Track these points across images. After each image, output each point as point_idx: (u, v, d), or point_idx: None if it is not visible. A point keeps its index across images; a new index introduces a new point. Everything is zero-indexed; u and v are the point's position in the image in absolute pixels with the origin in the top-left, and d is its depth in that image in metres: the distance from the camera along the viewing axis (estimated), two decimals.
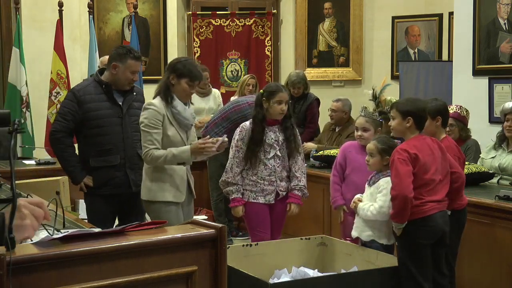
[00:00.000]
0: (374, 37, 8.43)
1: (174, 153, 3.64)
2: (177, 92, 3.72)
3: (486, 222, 3.93)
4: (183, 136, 3.75)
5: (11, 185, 1.76)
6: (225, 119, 5.57)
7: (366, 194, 3.85)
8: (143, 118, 3.71)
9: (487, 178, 4.53)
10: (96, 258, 1.71)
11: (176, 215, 3.73)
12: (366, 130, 4.16)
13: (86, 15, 7.67)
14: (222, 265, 1.92)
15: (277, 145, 4.14)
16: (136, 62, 4.02)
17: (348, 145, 4.35)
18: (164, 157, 3.64)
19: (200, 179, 6.27)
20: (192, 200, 3.98)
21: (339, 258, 3.92)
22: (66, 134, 4.12)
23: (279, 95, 4.08)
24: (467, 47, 5.97)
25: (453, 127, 4.82)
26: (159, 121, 3.67)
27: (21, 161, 6.08)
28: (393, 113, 3.60)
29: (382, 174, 3.80)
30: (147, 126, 3.68)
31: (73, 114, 4.05)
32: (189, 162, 3.76)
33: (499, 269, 3.89)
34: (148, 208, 3.88)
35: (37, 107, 7.17)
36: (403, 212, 3.39)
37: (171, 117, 3.70)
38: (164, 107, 3.69)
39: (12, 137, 1.87)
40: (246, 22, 8.27)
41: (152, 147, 3.66)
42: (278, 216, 4.26)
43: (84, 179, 4.17)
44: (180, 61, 3.82)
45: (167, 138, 3.69)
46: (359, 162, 4.14)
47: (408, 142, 3.53)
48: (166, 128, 3.69)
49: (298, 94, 6.36)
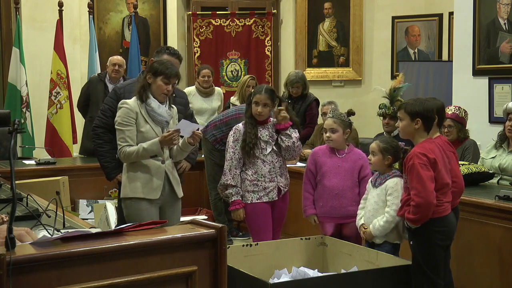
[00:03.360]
0: (374, 37, 8.43)
1: (144, 147, 3.69)
2: (153, 90, 3.77)
3: (486, 222, 3.93)
4: (158, 132, 3.76)
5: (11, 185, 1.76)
6: (226, 123, 5.57)
7: (372, 196, 3.84)
8: (116, 117, 3.79)
9: (487, 178, 4.53)
10: (96, 258, 1.72)
11: (147, 212, 3.72)
12: (334, 131, 4.12)
13: (86, 15, 7.67)
14: (222, 265, 1.92)
15: (273, 140, 4.15)
16: (171, 57, 4.16)
17: (316, 150, 4.33)
18: (136, 153, 3.70)
19: (200, 179, 6.27)
20: (177, 201, 3.95)
21: (339, 258, 3.92)
22: (106, 130, 4.25)
23: (256, 96, 4.12)
24: (467, 47, 5.97)
25: (452, 128, 4.82)
26: (132, 119, 3.72)
27: (21, 161, 6.09)
28: (401, 114, 3.52)
29: (388, 175, 3.79)
30: (120, 124, 3.75)
31: (113, 111, 4.14)
32: (160, 154, 3.76)
33: (499, 269, 3.89)
34: (123, 205, 3.88)
35: (37, 107, 7.17)
36: (425, 218, 3.37)
37: (145, 114, 3.75)
38: (138, 105, 3.75)
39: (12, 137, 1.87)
40: (246, 22, 8.27)
41: (125, 144, 3.72)
42: (279, 215, 4.26)
43: (118, 176, 4.29)
44: (157, 61, 3.89)
45: (141, 134, 3.74)
46: (328, 166, 4.14)
47: (424, 145, 3.45)
48: (140, 125, 3.74)
49: (297, 94, 6.36)
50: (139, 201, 3.76)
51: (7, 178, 4.18)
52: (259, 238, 4.15)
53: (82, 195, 5.82)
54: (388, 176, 3.78)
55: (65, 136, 6.89)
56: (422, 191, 3.32)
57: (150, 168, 3.77)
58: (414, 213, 3.37)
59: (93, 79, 6.55)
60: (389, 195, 3.72)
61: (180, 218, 4.03)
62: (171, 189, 3.88)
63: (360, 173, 4.13)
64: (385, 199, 3.75)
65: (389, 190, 3.73)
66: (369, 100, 7.99)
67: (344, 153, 4.16)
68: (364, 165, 4.14)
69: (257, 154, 4.13)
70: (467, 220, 3.93)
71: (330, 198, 4.11)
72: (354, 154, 4.19)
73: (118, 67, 6.33)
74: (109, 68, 6.39)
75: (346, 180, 4.11)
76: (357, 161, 4.16)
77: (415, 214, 3.36)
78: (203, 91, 6.66)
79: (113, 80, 6.33)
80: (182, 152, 3.87)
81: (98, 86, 6.37)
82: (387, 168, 3.82)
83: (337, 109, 5.68)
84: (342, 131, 4.12)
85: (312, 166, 4.21)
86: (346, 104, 6.99)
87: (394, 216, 3.67)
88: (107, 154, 4.32)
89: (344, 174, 4.11)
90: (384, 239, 3.75)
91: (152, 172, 3.77)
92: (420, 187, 3.33)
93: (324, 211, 4.14)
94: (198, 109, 6.43)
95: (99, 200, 5.75)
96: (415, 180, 3.35)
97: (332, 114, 4.21)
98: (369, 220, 3.80)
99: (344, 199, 4.09)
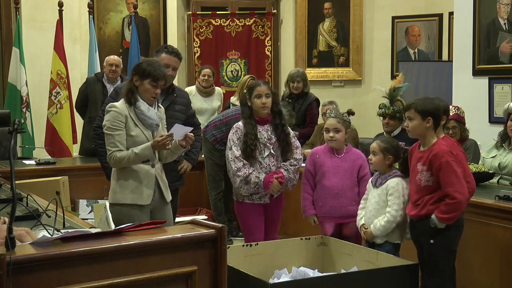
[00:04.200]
0: (374, 37, 8.42)
1: (136, 152, 3.58)
2: (141, 93, 3.66)
3: (486, 222, 3.93)
4: (148, 136, 3.66)
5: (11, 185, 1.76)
6: (226, 123, 5.58)
7: (372, 195, 3.84)
8: (105, 121, 3.67)
9: (487, 178, 4.53)
10: (96, 258, 1.72)
11: (138, 218, 3.56)
12: (338, 131, 4.12)
13: (86, 15, 7.67)
14: (222, 265, 1.92)
15: (270, 144, 4.16)
16: (169, 56, 4.13)
17: (315, 151, 4.33)
18: (127, 158, 3.58)
19: (200, 179, 6.27)
20: (166, 204, 3.84)
21: (339, 258, 3.92)
22: None
23: (256, 89, 4.11)
24: (467, 47, 5.97)
25: (456, 129, 4.82)
26: (122, 123, 3.61)
27: (21, 161, 6.08)
28: (411, 114, 3.49)
29: (388, 175, 3.79)
30: (109, 128, 3.62)
31: None
32: (153, 159, 3.67)
33: (499, 269, 3.88)
34: (112, 209, 3.79)
35: (37, 107, 7.17)
36: (458, 216, 3.40)
37: (135, 117, 3.64)
38: (126, 108, 3.63)
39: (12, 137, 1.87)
40: (246, 22, 8.27)
41: (115, 149, 3.60)
42: (272, 218, 4.27)
43: None
44: (143, 62, 3.78)
45: (131, 138, 3.63)
46: (328, 166, 4.14)
47: (447, 143, 3.48)
48: (130, 129, 3.63)
49: (297, 90, 6.35)
50: (130, 208, 3.65)
51: (7, 178, 4.18)
52: (251, 238, 4.15)
53: (82, 195, 5.82)
54: (388, 176, 3.78)
55: (65, 136, 6.89)
56: (462, 188, 3.34)
57: (141, 173, 3.66)
58: (451, 211, 3.36)
59: (90, 79, 6.54)
60: (390, 195, 3.72)
61: (172, 220, 3.98)
62: (160, 194, 3.76)
63: (359, 173, 4.13)
64: (386, 199, 3.75)
65: (390, 190, 3.72)
66: (369, 100, 7.99)
67: (343, 153, 4.17)
68: (363, 165, 4.14)
69: (256, 155, 4.13)
70: (467, 220, 3.91)
71: (329, 198, 4.11)
72: (353, 154, 4.19)
73: (114, 67, 6.33)
74: (106, 68, 6.40)
75: (346, 179, 4.11)
76: (356, 161, 4.16)
77: (453, 211, 3.36)
78: (203, 91, 6.66)
79: (110, 80, 6.33)
80: (173, 154, 3.77)
81: (96, 86, 6.37)
82: (388, 168, 3.82)
83: (338, 109, 5.69)
84: (344, 130, 4.13)
85: (311, 167, 4.21)
86: (346, 104, 7.00)
87: (395, 216, 3.67)
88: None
89: (344, 173, 4.11)
90: (385, 239, 3.75)
91: (142, 177, 3.66)
92: (459, 184, 3.34)
93: (324, 211, 4.14)
94: (198, 109, 6.43)
95: (99, 200, 5.74)
96: (453, 177, 3.35)
97: (334, 114, 4.21)
98: (370, 220, 3.80)
99: (344, 199, 4.09)
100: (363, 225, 3.84)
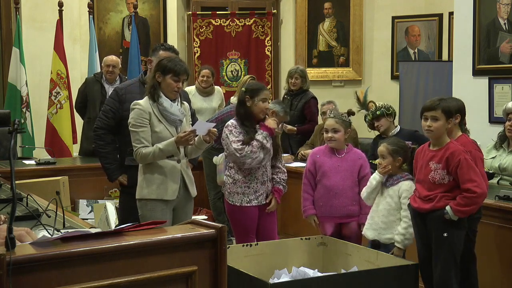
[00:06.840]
0: (374, 37, 8.42)
1: (160, 148, 3.65)
2: (163, 89, 3.73)
3: (486, 222, 3.93)
4: (172, 132, 3.74)
5: (11, 185, 1.76)
6: (222, 121, 5.58)
7: (383, 196, 3.82)
8: (130, 118, 3.75)
9: (488, 178, 4.52)
10: (96, 258, 1.71)
11: (161, 213, 3.69)
12: (336, 131, 4.13)
13: (86, 15, 7.67)
14: (222, 265, 1.92)
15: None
16: (167, 52, 4.13)
17: (315, 151, 4.34)
18: (152, 154, 3.66)
19: (200, 179, 6.27)
20: (190, 201, 3.92)
21: (339, 258, 3.92)
22: (107, 131, 4.27)
23: (264, 93, 4.13)
24: (467, 47, 5.97)
25: None
26: (146, 120, 3.69)
27: (21, 161, 6.09)
28: (438, 114, 3.43)
29: (400, 176, 3.79)
30: (134, 125, 3.71)
31: (114, 112, 4.19)
32: (177, 154, 3.72)
33: (499, 269, 3.89)
34: (139, 205, 3.83)
35: (37, 107, 7.17)
36: (475, 209, 3.45)
37: (158, 114, 3.71)
38: (150, 105, 3.71)
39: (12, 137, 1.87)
40: (246, 22, 8.27)
41: (140, 145, 3.69)
42: (269, 218, 4.25)
43: (119, 177, 4.29)
44: (164, 59, 3.84)
45: (155, 134, 3.71)
46: (328, 165, 4.14)
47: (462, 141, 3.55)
48: (154, 125, 3.71)
49: (295, 86, 6.36)
50: (155, 203, 3.72)
51: (7, 178, 4.18)
52: (241, 241, 4.13)
53: (82, 195, 5.82)
54: (401, 178, 3.78)
55: (65, 136, 6.89)
56: (481, 183, 3.39)
57: (167, 169, 3.73)
58: (468, 204, 3.38)
59: (89, 80, 6.54)
60: (404, 198, 3.71)
61: (192, 218, 4.01)
62: (185, 189, 3.84)
63: (360, 173, 4.13)
64: (398, 201, 3.75)
65: (404, 193, 3.72)
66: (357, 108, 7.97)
67: (344, 153, 4.17)
68: (363, 165, 4.14)
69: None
70: None
71: (330, 197, 4.11)
72: (353, 153, 4.20)
73: (112, 68, 6.32)
74: (103, 69, 6.40)
75: (346, 179, 4.11)
76: (357, 161, 4.16)
77: (470, 205, 3.39)
78: (203, 91, 6.67)
79: (108, 81, 6.33)
80: (197, 150, 3.85)
81: (95, 86, 6.36)
82: (398, 170, 3.81)
83: (337, 109, 5.69)
84: (343, 131, 4.13)
85: (312, 167, 4.21)
86: (346, 104, 6.98)
87: (410, 219, 3.66)
88: (108, 156, 4.32)
89: (344, 173, 4.11)
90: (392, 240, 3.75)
91: (168, 173, 3.73)
92: (478, 179, 3.39)
93: (324, 211, 4.14)
94: (197, 108, 6.43)
95: (99, 200, 5.75)
96: (471, 173, 3.39)
97: (333, 114, 4.22)
98: (385, 219, 3.77)
99: (344, 199, 4.09)
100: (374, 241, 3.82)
